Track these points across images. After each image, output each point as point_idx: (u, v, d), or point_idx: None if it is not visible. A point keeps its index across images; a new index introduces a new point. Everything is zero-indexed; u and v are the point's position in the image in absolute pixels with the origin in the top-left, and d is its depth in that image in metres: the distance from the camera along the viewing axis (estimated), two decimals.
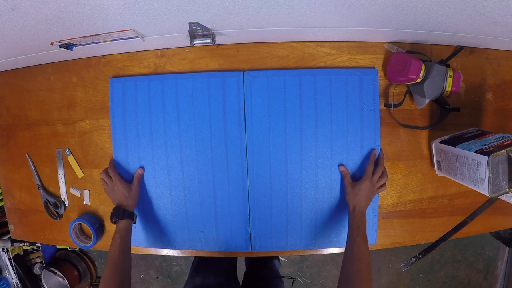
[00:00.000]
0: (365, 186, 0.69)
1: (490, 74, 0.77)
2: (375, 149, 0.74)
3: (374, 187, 0.71)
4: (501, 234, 1.41)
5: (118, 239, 0.66)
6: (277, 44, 0.74)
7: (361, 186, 0.70)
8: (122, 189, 0.73)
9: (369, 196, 0.70)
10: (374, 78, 0.73)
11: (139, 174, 0.76)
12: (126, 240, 0.67)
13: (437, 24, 0.63)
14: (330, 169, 0.75)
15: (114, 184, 0.74)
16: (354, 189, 0.70)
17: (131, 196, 0.73)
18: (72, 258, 1.68)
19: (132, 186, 0.75)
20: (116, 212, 0.70)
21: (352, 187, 0.71)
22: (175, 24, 0.61)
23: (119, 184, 0.73)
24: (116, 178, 0.74)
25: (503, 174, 0.57)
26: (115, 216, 0.69)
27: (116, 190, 0.73)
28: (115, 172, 0.76)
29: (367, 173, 0.71)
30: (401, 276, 1.79)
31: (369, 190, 0.70)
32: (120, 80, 0.77)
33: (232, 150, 0.75)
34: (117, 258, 0.64)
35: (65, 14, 0.52)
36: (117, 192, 0.73)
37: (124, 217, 0.69)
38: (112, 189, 0.74)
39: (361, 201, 0.69)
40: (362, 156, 0.74)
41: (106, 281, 0.61)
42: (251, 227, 0.77)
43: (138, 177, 0.76)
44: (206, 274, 0.89)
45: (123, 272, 0.63)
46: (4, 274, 1.42)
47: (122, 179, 0.75)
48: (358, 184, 0.71)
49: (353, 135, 0.74)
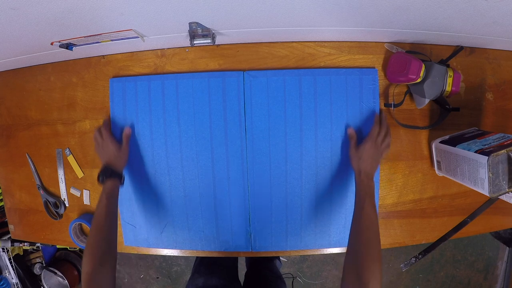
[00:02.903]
0: (369, 146, 0.66)
1: (490, 74, 0.77)
2: (377, 113, 0.73)
3: (378, 148, 0.67)
4: (501, 234, 1.41)
5: (104, 200, 0.64)
6: (277, 44, 0.74)
7: (364, 147, 0.67)
8: (112, 148, 0.71)
9: (374, 158, 0.66)
10: (374, 78, 0.73)
11: (127, 133, 0.74)
12: (112, 202, 0.65)
13: (437, 24, 0.63)
14: (330, 169, 0.75)
15: (105, 143, 0.72)
16: (358, 151, 0.67)
17: (120, 156, 0.71)
18: (72, 258, 1.68)
19: (122, 146, 0.73)
20: (104, 170, 0.68)
21: (356, 149, 0.68)
22: (175, 24, 0.61)
23: (109, 142, 0.71)
24: (107, 137, 0.72)
25: (503, 174, 0.57)
26: (103, 174, 0.67)
27: (106, 149, 0.71)
28: (106, 130, 0.74)
29: (370, 135, 0.68)
30: (401, 276, 1.79)
31: (374, 151, 0.66)
32: (120, 80, 0.77)
33: (232, 149, 0.75)
34: (103, 221, 0.61)
35: (65, 14, 0.52)
36: (107, 151, 0.71)
37: (112, 176, 0.67)
38: (102, 148, 0.72)
39: (365, 163, 0.65)
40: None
41: (91, 245, 0.58)
42: (251, 227, 0.77)
43: (127, 137, 0.74)
44: (207, 275, 0.89)
45: (109, 236, 0.61)
46: (4, 274, 1.42)
47: (113, 138, 0.73)
48: (361, 146, 0.68)
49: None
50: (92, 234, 0.60)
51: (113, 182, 0.67)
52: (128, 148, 0.74)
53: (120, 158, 0.72)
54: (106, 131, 0.74)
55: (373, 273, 0.51)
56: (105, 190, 0.66)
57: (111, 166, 0.69)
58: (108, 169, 0.68)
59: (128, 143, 0.75)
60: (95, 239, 0.59)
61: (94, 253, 0.57)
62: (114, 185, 0.67)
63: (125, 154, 0.73)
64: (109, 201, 0.64)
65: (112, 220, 0.63)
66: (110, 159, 0.70)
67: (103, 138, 0.73)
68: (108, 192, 0.65)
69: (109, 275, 0.56)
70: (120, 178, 0.70)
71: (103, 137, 0.73)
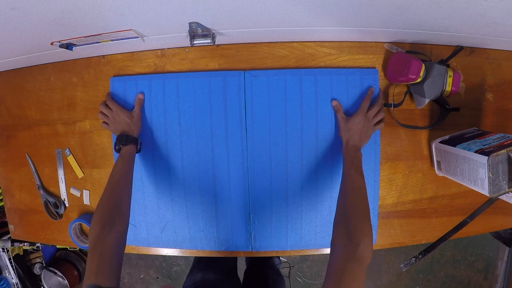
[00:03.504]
0: (359, 120, 0.66)
1: (490, 74, 0.77)
2: (372, 87, 0.72)
3: (369, 122, 0.67)
4: (501, 234, 1.41)
5: (120, 163, 0.63)
6: (277, 44, 0.74)
7: (354, 120, 0.67)
8: (123, 117, 0.70)
9: (364, 131, 0.66)
10: (374, 78, 0.73)
11: (139, 99, 0.73)
12: (129, 164, 0.64)
13: (437, 24, 0.63)
14: (330, 169, 0.75)
15: (115, 113, 0.71)
16: (348, 123, 0.68)
17: (133, 122, 0.71)
18: (72, 258, 1.68)
19: (134, 112, 0.72)
20: (119, 138, 0.67)
21: (345, 121, 0.68)
22: (175, 24, 0.61)
23: (120, 112, 0.71)
24: (116, 107, 0.72)
25: (503, 174, 0.57)
26: (119, 142, 0.67)
27: (118, 119, 0.71)
28: (114, 102, 0.73)
29: (361, 108, 0.68)
30: (401, 276, 1.79)
31: (364, 124, 0.66)
32: (121, 79, 0.77)
33: (233, 149, 0.75)
34: (117, 181, 0.60)
35: (65, 14, 0.52)
36: (118, 121, 0.70)
37: (127, 142, 0.67)
38: (113, 119, 0.71)
39: (354, 135, 0.66)
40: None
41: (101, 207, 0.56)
42: (251, 226, 0.77)
43: (140, 103, 0.73)
44: (206, 270, 0.88)
45: (121, 198, 0.59)
46: (4, 274, 1.42)
47: (122, 107, 0.73)
48: (351, 118, 0.68)
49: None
50: (104, 196, 0.58)
51: (130, 148, 0.66)
52: (140, 114, 0.73)
53: (134, 124, 0.71)
54: (113, 102, 0.73)
55: (363, 232, 0.50)
56: (122, 155, 0.64)
57: (126, 133, 0.68)
58: (123, 136, 0.67)
59: (141, 108, 0.73)
60: (106, 201, 0.57)
61: (103, 215, 0.54)
62: (131, 150, 0.66)
63: (139, 120, 0.72)
64: (125, 163, 0.63)
65: (127, 181, 0.62)
66: (124, 127, 0.69)
67: (112, 108, 0.72)
68: (124, 156, 0.64)
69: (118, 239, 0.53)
70: (136, 144, 0.69)
71: (111, 108, 0.72)
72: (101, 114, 0.74)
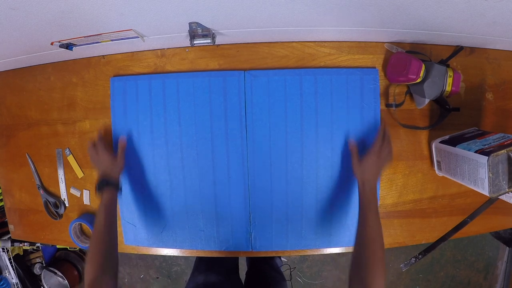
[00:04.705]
0: (372, 160, 0.67)
1: (490, 74, 0.77)
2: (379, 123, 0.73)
3: (381, 160, 0.68)
4: (501, 234, 1.41)
5: (102, 211, 0.64)
6: (277, 44, 0.74)
7: (368, 161, 0.67)
8: (107, 158, 0.71)
9: (376, 168, 0.67)
10: (375, 78, 0.73)
11: (122, 142, 0.75)
12: (111, 211, 0.65)
13: (437, 24, 0.63)
14: (330, 169, 0.75)
15: (101, 153, 0.72)
16: (361, 163, 0.68)
17: (115, 165, 0.72)
18: (72, 258, 1.68)
19: (117, 155, 0.74)
20: (100, 182, 0.69)
21: (360, 161, 0.69)
22: (175, 24, 0.61)
23: (104, 153, 0.72)
24: (101, 147, 0.73)
25: (503, 174, 0.57)
26: (100, 185, 0.68)
27: (101, 159, 0.72)
28: (101, 141, 0.74)
29: (374, 147, 0.69)
30: (401, 276, 1.79)
31: (376, 161, 0.67)
32: (121, 79, 0.77)
33: (233, 149, 0.75)
34: (102, 231, 0.62)
35: (65, 14, 0.52)
36: (101, 161, 0.72)
37: (108, 185, 0.68)
38: (98, 159, 0.72)
39: (370, 176, 0.66)
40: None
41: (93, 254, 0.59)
42: (252, 226, 0.77)
43: (122, 146, 0.75)
44: (208, 273, 0.89)
45: (110, 245, 0.61)
46: (4, 274, 1.42)
47: (107, 148, 0.73)
48: (365, 158, 0.68)
49: (353, 134, 0.74)
50: (93, 244, 0.61)
51: (110, 192, 0.68)
52: (123, 158, 0.75)
53: (115, 168, 0.72)
54: (100, 143, 0.74)
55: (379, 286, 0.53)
56: (103, 201, 0.66)
57: (107, 176, 0.70)
58: (104, 180, 0.69)
59: (123, 152, 0.75)
60: (96, 249, 0.60)
61: (96, 261, 0.58)
62: (111, 194, 0.68)
63: (120, 163, 0.74)
64: (107, 211, 0.65)
65: (111, 230, 0.64)
66: (106, 169, 0.71)
67: (97, 150, 0.73)
68: (105, 202, 0.66)
69: (111, 282, 0.57)
70: (117, 187, 0.71)
71: (96, 149, 0.73)
72: (88, 149, 0.75)
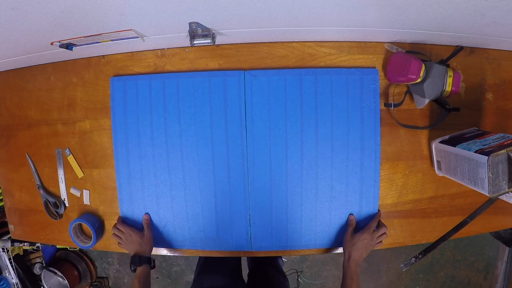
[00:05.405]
0: (364, 237, 0.71)
1: (490, 74, 0.77)
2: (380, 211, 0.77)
3: (372, 241, 0.72)
4: (501, 234, 1.41)
5: (137, 285, 0.69)
6: (277, 44, 0.74)
7: (360, 237, 0.71)
8: (135, 238, 0.75)
9: (366, 248, 0.71)
10: (374, 78, 0.73)
11: (146, 220, 0.78)
12: (145, 285, 0.70)
13: (437, 24, 0.63)
14: (330, 169, 0.75)
15: (127, 235, 0.76)
16: (353, 238, 0.72)
17: (145, 242, 0.75)
18: (72, 258, 1.68)
19: (145, 233, 0.77)
20: (133, 260, 0.72)
21: (352, 236, 0.73)
22: (175, 24, 0.61)
23: (132, 234, 0.76)
24: (127, 230, 0.76)
25: (503, 174, 0.57)
26: (133, 264, 0.72)
27: (130, 240, 0.76)
28: (125, 225, 0.78)
29: (369, 227, 0.73)
30: (401, 276, 1.79)
31: (368, 242, 0.71)
32: (121, 79, 0.77)
33: (233, 149, 0.75)
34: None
35: (65, 14, 0.52)
36: (131, 242, 0.75)
37: (141, 263, 0.72)
38: (126, 241, 0.76)
39: (357, 250, 0.70)
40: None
41: None
42: (251, 227, 0.77)
43: (147, 223, 0.78)
44: (212, 276, 0.89)
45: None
46: (4, 274, 1.42)
47: (133, 229, 0.77)
48: (358, 234, 0.72)
49: (353, 134, 0.74)
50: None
51: (144, 268, 0.72)
52: (151, 233, 0.78)
53: (146, 245, 0.76)
54: (123, 225, 0.78)
55: None
56: (137, 276, 0.71)
57: (139, 254, 0.74)
58: (137, 257, 0.73)
59: (150, 228, 0.78)
60: None
61: None
62: (145, 270, 0.72)
63: (150, 239, 0.77)
64: (141, 285, 0.70)
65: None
66: (137, 248, 0.75)
67: (124, 231, 0.77)
68: (140, 277, 0.71)
69: None
70: (150, 262, 0.73)
71: (123, 231, 0.77)
72: (114, 235, 0.78)
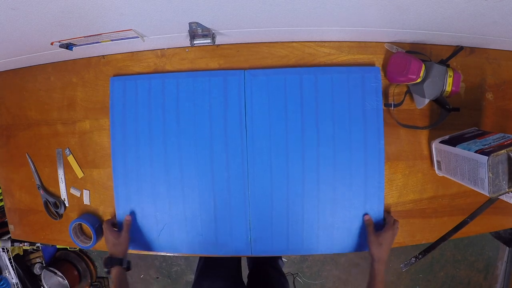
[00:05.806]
0: (389, 235, 0.71)
1: (490, 74, 0.77)
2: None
3: (394, 232, 0.72)
4: (501, 234, 1.41)
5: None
6: (277, 44, 0.74)
7: (385, 236, 0.71)
8: (110, 238, 0.75)
9: (391, 244, 0.72)
10: (376, 76, 0.73)
11: (127, 221, 0.78)
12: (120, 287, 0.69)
13: (437, 24, 0.62)
14: (332, 169, 0.74)
15: (105, 234, 0.77)
16: (379, 238, 0.71)
17: (120, 243, 0.75)
18: (72, 258, 1.68)
19: (122, 234, 0.76)
20: (105, 262, 0.72)
21: (376, 236, 0.71)
22: (175, 24, 0.61)
23: (108, 233, 0.76)
24: (105, 228, 0.77)
25: (503, 174, 0.57)
26: (105, 265, 0.72)
27: (107, 239, 0.76)
28: (107, 222, 0.78)
29: (389, 222, 0.73)
30: (401, 276, 1.79)
31: (392, 238, 0.72)
32: (120, 79, 0.76)
33: (232, 149, 0.74)
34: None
35: (65, 14, 0.52)
36: (108, 241, 0.76)
37: (112, 264, 0.71)
38: (105, 240, 0.77)
39: (386, 251, 0.70)
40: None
41: None
42: (251, 231, 0.76)
43: (127, 224, 0.78)
44: (212, 278, 0.89)
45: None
46: (4, 274, 1.42)
47: (111, 229, 0.77)
48: (382, 233, 0.71)
49: (356, 134, 0.73)
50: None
51: (117, 270, 0.71)
52: (127, 236, 0.77)
53: (120, 246, 0.75)
54: (106, 223, 0.78)
55: None
56: (112, 280, 0.71)
57: (112, 255, 0.73)
58: (109, 259, 0.72)
59: (128, 231, 0.78)
60: None
61: None
62: (119, 272, 0.71)
63: (126, 241, 0.76)
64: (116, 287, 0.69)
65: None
66: (110, 249, 0.75)
67: (103, 230, 0.78)
68: (114, 280, 0.70)
69: None
70: (121, 263, 0.73)
71: (103, 228, 0.78)
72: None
